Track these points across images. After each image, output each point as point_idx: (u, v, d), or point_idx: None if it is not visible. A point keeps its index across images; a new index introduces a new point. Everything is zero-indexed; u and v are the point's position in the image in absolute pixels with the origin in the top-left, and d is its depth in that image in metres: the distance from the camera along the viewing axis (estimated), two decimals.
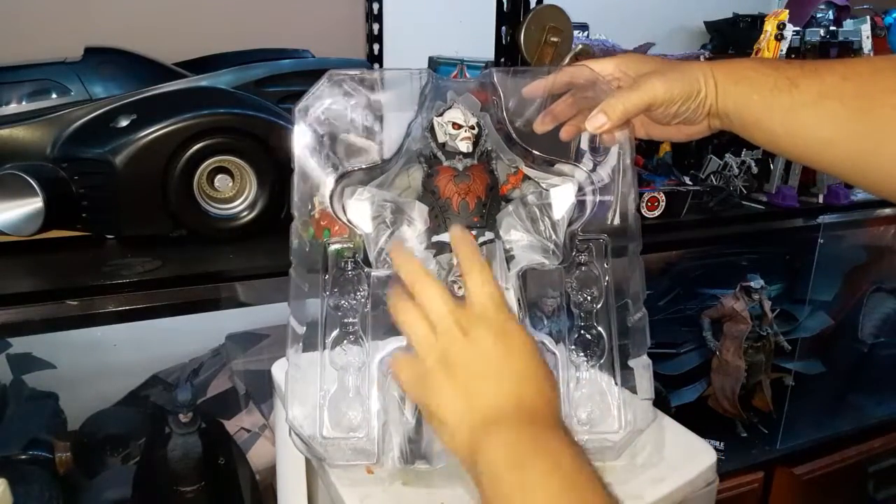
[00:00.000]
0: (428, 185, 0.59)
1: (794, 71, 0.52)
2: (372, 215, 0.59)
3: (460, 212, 0.57)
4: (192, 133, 0.82)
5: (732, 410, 1.37)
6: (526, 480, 0.40)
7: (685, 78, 0.54)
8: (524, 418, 0.44)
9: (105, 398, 1.21)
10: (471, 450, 0.43)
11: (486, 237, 0.58)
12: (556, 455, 0.41)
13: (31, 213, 0.79)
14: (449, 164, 0.58)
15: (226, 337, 1.28)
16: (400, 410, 0.56)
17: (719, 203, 1.16)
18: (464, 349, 0.46)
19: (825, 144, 0.52)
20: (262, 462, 1.12)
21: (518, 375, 0.46)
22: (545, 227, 0.60)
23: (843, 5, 1.42)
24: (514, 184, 0.61)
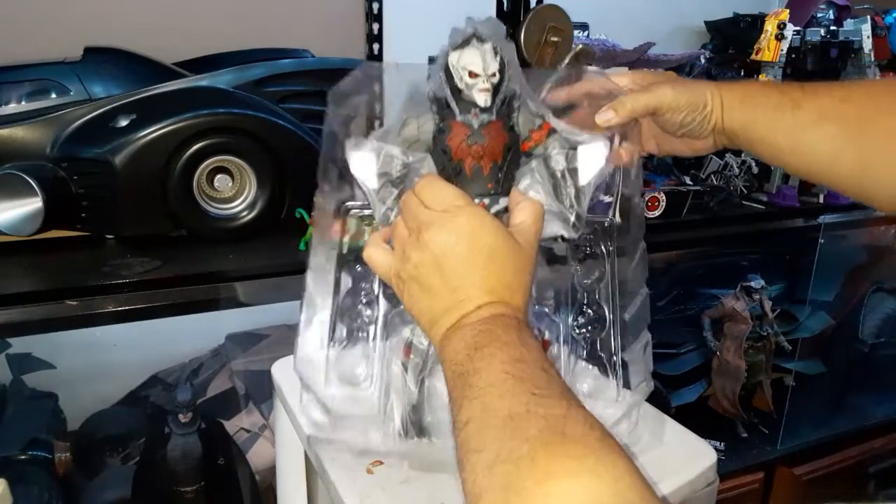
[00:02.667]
0: (439, 143, 0.52)
1: (796, 93, 0.55)
2: (378, 170, 0.53)
3: (473, 177, 0.51)
4: (191, 133, 0.82)
5: (733, 410, 1.37)
6: (477, 367, 0.40)
7: (693, 90, 0.57)
8: (483, 314, 0.44)
9: (105, 398, 1.21)
10: (439, 346, 0.45)
11: (501, 205, 0.52)
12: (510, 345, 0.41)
13: (30, 213, 0.79)
14: (463, 120, 0.51)
15: (225, 337, 1.28)
16: (403, 380, 0.55)
17: (720, 203, 1.16)
18: (418, 255, 0.46)
19: (826, 162, 0.55)
20: (261, 462, 1.12)
21: (472, 269, 0.45)
22: (567, 194, 0.53)
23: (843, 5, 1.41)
24: (538, 140, 0.53)
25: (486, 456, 0.35)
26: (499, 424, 0.36)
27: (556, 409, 0.36)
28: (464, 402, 0.39)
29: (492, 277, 0.45)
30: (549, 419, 0.35)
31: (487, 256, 0.45)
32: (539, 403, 0.37)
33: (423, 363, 0.55)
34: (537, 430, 0.35)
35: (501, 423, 0.36)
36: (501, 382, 0.38)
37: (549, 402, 0.37)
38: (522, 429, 0.35)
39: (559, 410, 0.36)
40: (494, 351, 0.41)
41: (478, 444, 0.36)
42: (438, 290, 0.46)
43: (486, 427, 0.37)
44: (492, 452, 0.35)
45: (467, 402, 0.39)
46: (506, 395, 0.38)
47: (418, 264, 0.46)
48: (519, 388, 0.38)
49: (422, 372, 0.55)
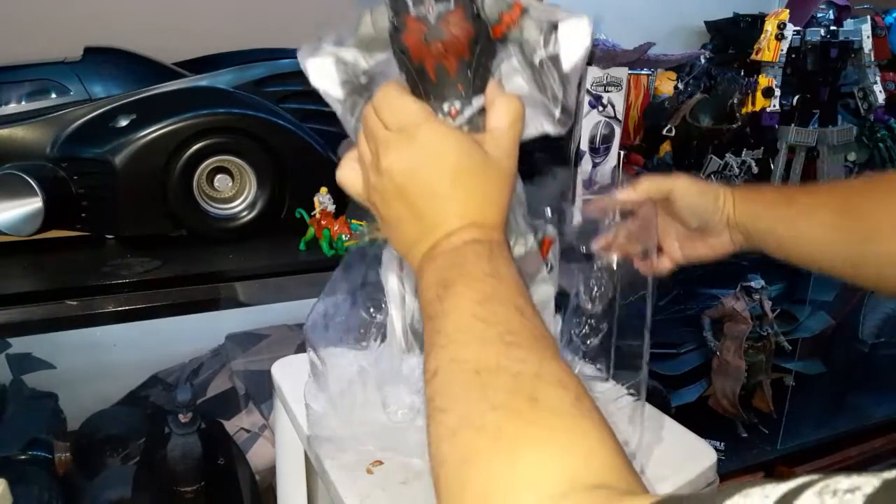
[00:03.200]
0: (396, 43, 0.44)
1: (793, 190, 0.64)
2: (339, 78, 0.47)
3: (438, 80, 0.44)
4: (191, 133, 0.82)
5: (733, 410, 1.37)
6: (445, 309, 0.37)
7: (707, 185, 0.63)
8: (455, 242, 0.40)
9: (105, 398, 1.21)
10: (417, 278, 0.43)
11: (475, 106, 0.45)
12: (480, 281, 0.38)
13: (30, 213, 0.79)
14: (417, 14, 0.43)
15: (225, 337, 1.28)
16: (400, 294, 0.50)
17: None
18: (380, 183, 0.43)
19: (822, 249, 0.59)
20: (261, 462, 1.12)
21: (437, 194, 0.41)
22: (549, 84, 0.45)
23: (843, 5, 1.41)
24: (510, 22, 0.45)
25: (449, 418, 0.33)
26: (466, 380, 0.33)
27: (527, 363, 0.33)
28: (432, 349, 0.36)
29: (459, 201, 0.41)
30: (520, 378, 0.32)
31: (452, 178, 0.41)
32: (510, 356, 0.33)
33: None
34: (506, 392, 0.32)
35: (468, 379, 0.33)
36: (469, 328, 0.35)
37: (521, 354, 0.34)
38: (490, 388, 0.32)
39: (531, 366, 0.33)
40: (462, 289, 0.37)
41: (443, 402, 0.34)
42: (406, 220, 0.42)
43: (452, 382, 0.34)
44: (456, 414, 0.33)
45: (435, 351, 0.36)
46: (473, 344, 0.35)
47: (383, 193, 0.43)
48: (489, 333, 0.35)
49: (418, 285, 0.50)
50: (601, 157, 1.02)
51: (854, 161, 1.38)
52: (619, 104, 1.02)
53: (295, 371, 0.74)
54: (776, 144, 1.23)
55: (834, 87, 1.21)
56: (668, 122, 1.24)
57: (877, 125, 1.40)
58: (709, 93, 1.26)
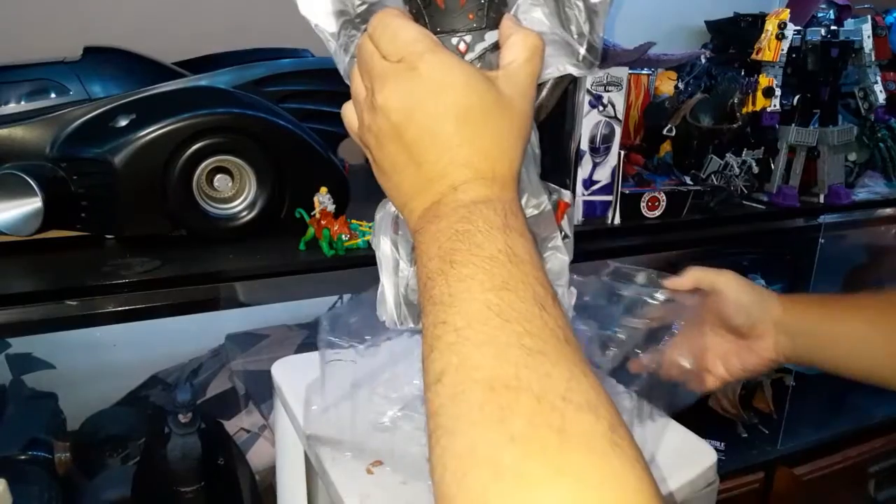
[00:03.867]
0: None
1: (836, 296, 0.69)
2: (333, 8, 0.42)
3: (447, 7, 0.39)
4: (191, 133, 0.82)
5: (733, 411, 1.37)
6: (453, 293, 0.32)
7: (753, 283, 0.67)
8: (461, 199, 0.35)
9: (104, 398, 1.21)
10: (413, 236, 0.38)
11: (488, 41, 0.40)
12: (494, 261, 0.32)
13: (29, 213, 0.79)
14: None
15: (225, 337, 1.28)
16: (394, 259, 0.45)
17: (720, 203, 1.16)
18: (375, 122, 0.37)
19: (863, 345, 0.61)
20: (261, 462, 1.12)
21: (439, 137, 0.36)
22: (575, 17, 0.40)
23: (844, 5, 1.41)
24: None
25: (458, 443, 0.27)
26: (478, 396, 0.28)
27: (552, 378, 0.28)
28: (436, 344, 0.31)
29: (466, 146, 0.35)
30: (544, 402, 0.27)
31: (457, 118, 0.35)
32: (531, 367, 0.28)
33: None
34: (527, 420, 0.26)
35: (481, 395, 0.28)
36: (483, 322, 0.30)
37: (545, 366, 0.28)
38: (508, 411, 0.27)
39: (557, 383, 0.28)
40: (474, 271, 0.32)
41: (449, 421, 0.28)
42: (403, 165, 0.37)
43: (461, 396, 0.28)
44: (466, 441, 0.27)
45: (440, 347, 0.30)
46: (487, 346, 0.29)
47: (377, 134, 0.37)
48: (505, 334, 0.29)
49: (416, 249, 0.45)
50: (601, 156, 1.02)
51: (855, 161, 1.38)
52: (620, 104, 1.02)
53: (295, 371, 0.74)
54: (776, 144, 1.23)
55: (834, 87, 1.21)
56: (668, 121, 1.23)
57: (877, 125, 1.40)
58: (709, 92, 1.26)
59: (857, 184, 1.38)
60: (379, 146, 0.38)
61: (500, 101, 0.36)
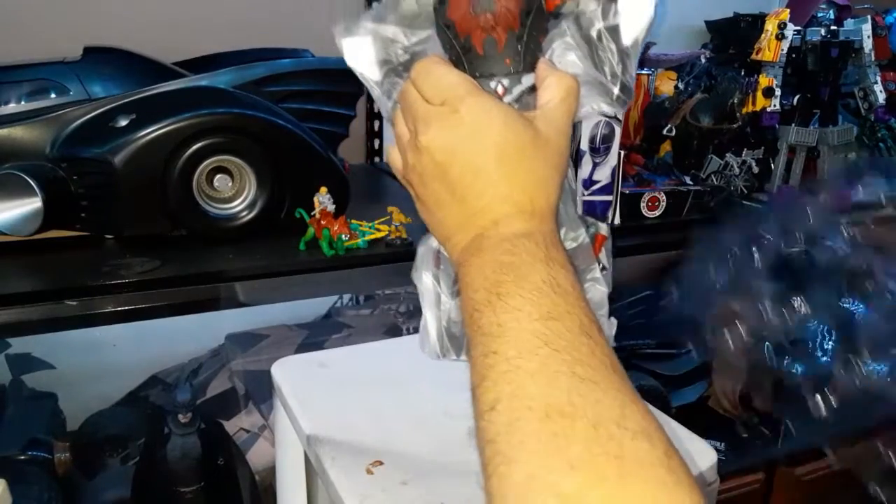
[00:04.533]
0: (440, 16, 0.42)
1: None
2: (376, 58, 0.44)
3: (486, 53, 0.41)
4: (191, 133, 0.82)
5: (733, 410, 1.37)
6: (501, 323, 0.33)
7: None
8: (504, 233, 0.37)
9: (104, 398, 1.21)
10: (457, 269, 0.40)
11: (525, 84, 0.42)
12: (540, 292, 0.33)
13: (29, 213, 0.79)
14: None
15: (225, 337, 1.28)
16: (436, 293, 0.47)
17: (720, 203, 1.16)
18: (419, 161, 0.40)
19: None
20: (261, 462, 1.12)
21: (481, 174, 0.38)
22: (608, 59, 0.42)
23: (843, 5, 1.41)
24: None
25: (518, 471, 0.28)
26: (532, 424, 0.29)
27: (605, 405, 0.29)
28: (488, 374, 0.32)
29: (506, 182, 0.37)
30: (600, 427, 0.28)
31: (498, 157, 0.37)
32: (584, 394, 0.29)
33: (456, 273, 0.46)
34: (584, 447, 0.27)
35: (537, 424, 0.28)
36: (533, 352, 0.31)
37: (596, 394, 0.29)
38: (565, 439, 0.27)
39: (611, 411, 0.28)
40: (521, 302, 0.33)
41: (507, 448, 0.29)
42: (446, 202, 0.39)
43: (516, 425, 0.29)
44: (525, 468, 0.28)
45: (493, 377, 0.31)
46: (539, 374, 0.30)
47: (421, 173, 0.40)
48: (555, 362, 0.30)
49: (457, 282, 0.46)
50: (601, 157, 1.02)
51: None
52: None
53: (295, 371, 0.74)
54: (776, 144, 1.23)
55: (834, 87, 1.21)
56: (668, 121, 1.24)
57: (877, 125, 1.40)
58: (709, 92, 1.26)
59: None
60: (423, 184, 0.40)
61: (537, 140, 0.38)
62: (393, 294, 1.36)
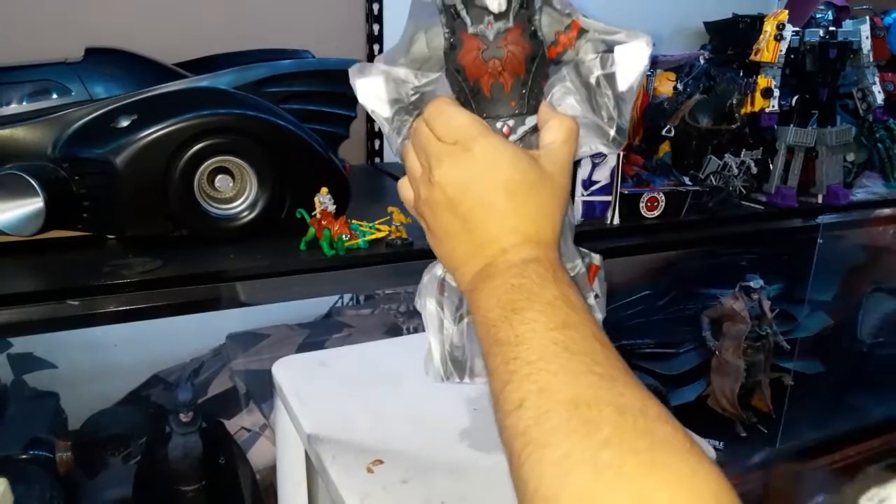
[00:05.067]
0: (451, 61, 0.45)
1: None
2: (387, 97, 0.48)
3: (493, 96, 0.45)
4: (192, 133, 0.82)
5: (732, 410, 1.37)
6: (519, 335, 0.35)
7: None
8: (512, 260, 0.40)
9: (106, 398, 1.22)
10: (468, 296, 0.42)
11: (528, 125, 0.45)
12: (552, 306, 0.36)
13: (31, 214, 0.79)
14: (475, 32, 0.44)
15: (226, 337, 1.28)
16: (439, 319, 0.50)
17: (719, 203, 1.17)
18: (432, 196, 0.42)
19: None
20: (262, 462, 1.12)
21: (491, 209, 0.41)
22: (605, 104, 0.46)
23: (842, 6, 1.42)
24: (567, 44, 0.45)
25: (552, 453, 0.30)
26: (562, 413, 0.31)
27: (627, 397, 0.31)
28: (512, 378, 0.34)
29: (514, 215, 0.40)
30: (625, 413, 0.30)
31: (507, 192, 0.40)
32: (605, 387, 0.32)
33: (459, 300, 0.50)
34: (614, 428, 0.29)
35: (565, 410, 0.31)
36: (553, 356, 0.33)
37: (617, 388, 0.32)
38: (594, 422, 0.30)
39: (633, 401, 0.31)
40: (536, 315, 0.36)
41: (540, 436, 0.31)
42: (457, 233, 0.42)
43: (546, 414, 0.31)
44: (560, 450, 0.30)
45: (517, 380, 0.33)
46: (562, 373, 0.33)
47: (433, 206, 0.42)
48: (575, 363, 0.33)
49: (459, 309, 0.50)
50: (600, 157, 1.02)
51: (853, 161, 1.38)
52: None
53: (295, 370, 0.74)
54: (775, 145, 1.24)
55: (833, 88, 1.22)
56: (667, 122, 1.24)
57: (875, 125, 1.40)
58: (708, 93, 1.26)
59: (855, 184, 1.39)
60: (434, 216, 0.43)
61: (543, 177, 0.42)
62: (393, 294, 1.37)
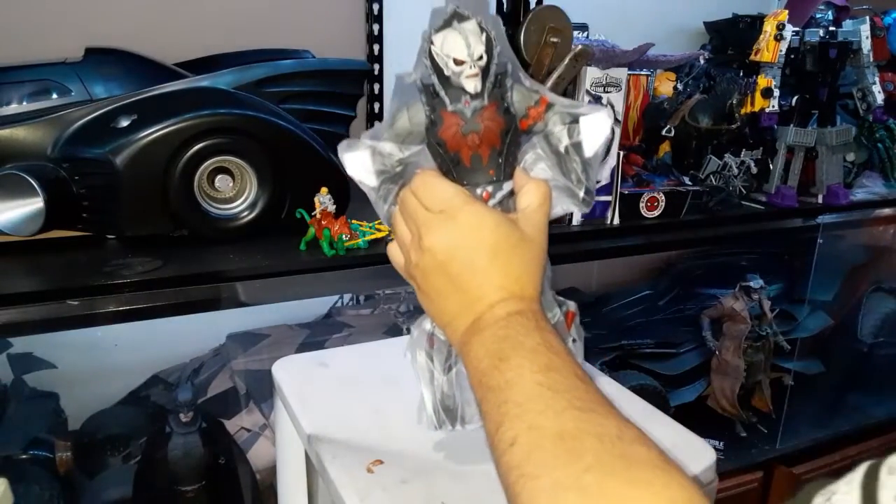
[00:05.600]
0: (432, 135, 0.50)
1: None
2: (374, 168, 0.52)
3: (473, 166, 0.49)
4: (192, 133, 0.82)
5: (732, 410, 1.37)
6: (508, 380, 0.39)
7: None
8: (498, 314, 0.43)
9: (106, 398, 1.22)
10: (459, 349, 0.45)
11: (505, 190, 0.50)
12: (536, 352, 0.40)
13: (31, 214, 0.79)
14: (454, 110, 0.48)
15: (226, 337, 1.28)
16: (430, 370, 0.55)
17: (719, 203, 1.17)
18: (422, 260, 0.46)
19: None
20: (262, 462, 1.13)
21: (478, 269, 0.45)
22: (574, 168, 0.50)
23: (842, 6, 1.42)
24: (536, 117, 0.51)
25: (543, 483, 0.34)
26: (549, 446, 0.35)
27: (605, 427, 0.35)
28: (503, 420, 0.38)
29: (499, 274, 0.44)
30: (604, 440, 0.34)
31: (491, 254, 0.44)
32: (585, 419, 0.35)
33: (448, 352, 0.55)
34: (594, 454, 0.33)
35: (552, 444, 0.35)
36: (538, 397, 0.37)
37: (596, 419, 0.36)
38: (577, 451, 0.34)
39: (610, 429, 0.35)
40: (521, 361, 0.40)
41: (531, 469, 0.35)
42: (447, 293, 0.46)
43: (535, 449, 0.35)
44: (549, 479, 0.34)
45: (508, 421, 0.37)
46: (548, 411, 0.36)
47: (424, 269, 0.46)
48: (559, 401, 0.37)
49: (448, 360, 0.55)
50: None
51: (853, 161, 1.38)
52: (619, 105, 1.02)
53: (295, 371, 0.74)
54: (775, 145, 1.24)
55: (833, 88, 1.22)
56: (667, 122, 1.24)
57: (875, 125, 1.40)
58: (708, 93, 1.26)
59: (855, 184, 1.39)
60: (426, 278, 0.46)
61: (523, 238, 0.46)
62: (393, 294, 1.37)
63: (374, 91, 1.39)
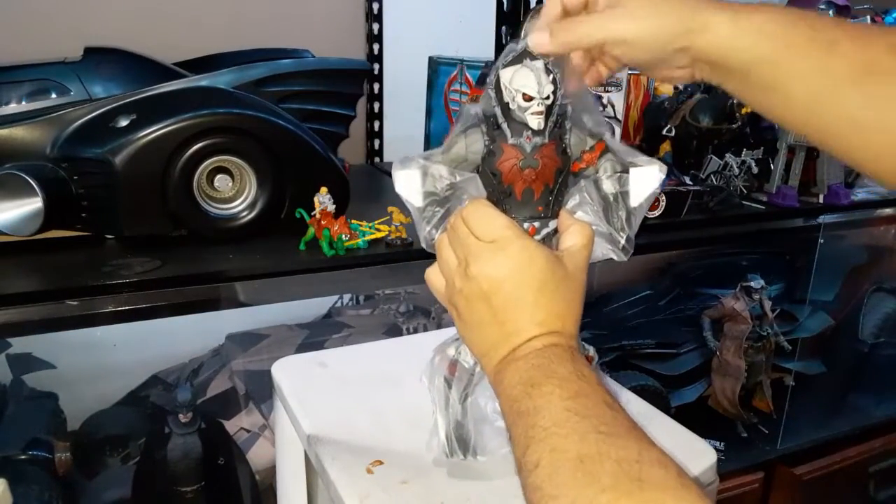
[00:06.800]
0: (488, 165, 0.51)
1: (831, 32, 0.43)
2: (423, 189, 0.52)
3: (523, 199, 0.51)
4: (191, 133, 0.82)
5: (733, 410, 1.37)
6: (537, 406, 0.40)
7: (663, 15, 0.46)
8: (535, 346, 0.44)
9: (105, 398, 1.21)
10: (493, 379, 0.46)
11: (550, 227, 0.51)
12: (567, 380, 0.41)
13: (30, 213, 0.79)
14: (515, 143, 0.50)
15: (226, 337, 1.28)
16: (446, 396, 0.56)
17: (719, 203, 1.16)
18: (467, 287, 0.47)
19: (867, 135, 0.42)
20: (261, 462, 1.12)
21: (522, 303, 0.45)
22: (619, 217, 0.52)
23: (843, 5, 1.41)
24: (590, 161, 0.52)
25: (561, 502, 0.35)
26: (569, 468, 0.36)
27: (627, 450, 0.36)
28: (530, 443, 0.39)
29: (542, 310, 0.45)
30: (622, 463, 0.35)
31: (537, 290, 0.45)
32: (608, 443, 0.36)
33: (468, 380, 0.56)
34: (611, 477, 0.34)
35: (572, 466, 0.36)
36: (565, 421, 0.38)
37: (619, 443, 0.36)
38: (595, 474, 0.35)
39: (631, 453, 0.36)
40: (553, 388, 0.41)
41: (552, 490, 0.36)
42: (488, 323, 0.46)
43: (556, 470, 0.37)
44: (567, 498, 0.35)
45: (534, 444, 0.39)
46: (572, 435, 0.37)
47: (468, 297, 0.47)
48: (584, 426, 0.38)
49: (466, 388, 0.56)
50: None
51: None
52: (619, 104, 1.02)
53: (295, 371, 0.74)
54: (776, 144, 1.23)
55: None
56: (667, 122, 1.24)
57: None
58: (708, 93, 1.26)
59: (856, 184, 1.38)
60: (468, 305, 0.47)
61: (567, 276, 0.47)
62: (393, 294, 1.36)
63: (374, 91, 1.39)
